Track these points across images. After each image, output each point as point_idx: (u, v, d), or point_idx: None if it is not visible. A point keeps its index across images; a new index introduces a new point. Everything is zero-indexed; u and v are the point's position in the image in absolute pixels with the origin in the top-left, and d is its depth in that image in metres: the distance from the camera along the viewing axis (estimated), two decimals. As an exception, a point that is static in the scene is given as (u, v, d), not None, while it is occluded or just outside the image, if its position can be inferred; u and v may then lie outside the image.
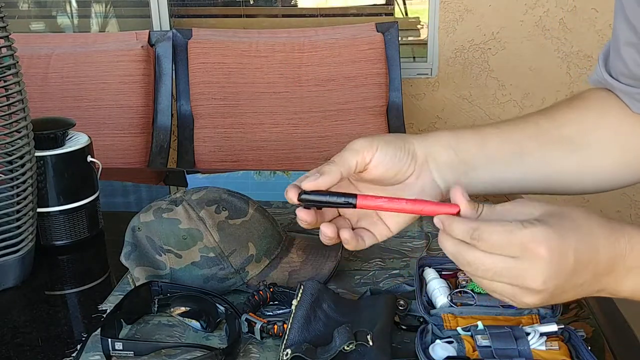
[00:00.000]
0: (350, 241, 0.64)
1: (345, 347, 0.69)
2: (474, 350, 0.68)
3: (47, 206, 1.03)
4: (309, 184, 0.60)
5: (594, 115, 0.73)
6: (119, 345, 0.74)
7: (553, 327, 0.71)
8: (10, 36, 0.91)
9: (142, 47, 2.01)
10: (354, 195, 0.60)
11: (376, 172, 0.64)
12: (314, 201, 0.60)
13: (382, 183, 0.66)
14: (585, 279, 0.53)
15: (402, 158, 0.65)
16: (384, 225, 0.67)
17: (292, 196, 0.61)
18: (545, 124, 0.72)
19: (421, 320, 0.77)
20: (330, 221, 0.65)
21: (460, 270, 0.83)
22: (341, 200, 0.60)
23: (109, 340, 0.74)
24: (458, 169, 0.67)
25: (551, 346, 0.69)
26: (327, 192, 0.61)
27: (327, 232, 0.62)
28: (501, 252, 0.52)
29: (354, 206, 0.60)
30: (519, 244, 0.51)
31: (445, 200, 0.64)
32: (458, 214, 0.56)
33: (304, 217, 0.62)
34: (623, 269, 0.54)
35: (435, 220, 0.57)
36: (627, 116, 0.71)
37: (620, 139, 0.72)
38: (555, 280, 0.51)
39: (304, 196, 0.61)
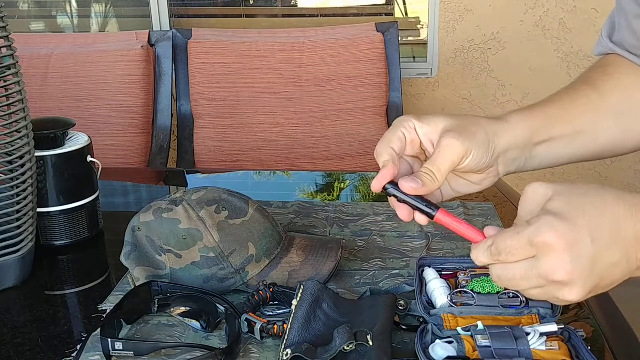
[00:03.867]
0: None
1: (345, 347, 0.69)
2: (474, 350, 0.68)
3: (47, 206, 1.03)
4: (408, 187, 0.62)
5: (628, 80, 0.76)
6: (119, 345, 0.74)
7: (553, 327, 0.71)
8: (10, 36, 0.91)
9: (142, 47, 2.01)
10: (436, 208, 0.63)
11: (459, 170, 0.66)
12: (399, 198, 0.63)
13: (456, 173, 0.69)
14: (617, 257, 0.52)
15: (487, 159, 0.66)
16: (450, 188, 0.70)
17: (378, 186, 0.63)
18: (593, 94, 0.74)
19: (421, 320, 0.77)
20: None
21: (460, 270, 0.83)
22: (424, 207, 0.63)
23: (109, 340, 0.74)
24: (521, 159, 0.70)
25: (551, 346, 0.69)
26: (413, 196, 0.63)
27: (404, 216, 0.64)
28: (520, 256, 0.52)
29: (432, 217, 0.63)
30: (529, 242, 0.51)
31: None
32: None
33: (403, 214, 0.64)
34: None
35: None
36: None
37: None
38: (579, 267, 0.50)
39: (391, 190, 0.63)
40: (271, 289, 0.84)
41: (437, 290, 0.79)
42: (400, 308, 0.79)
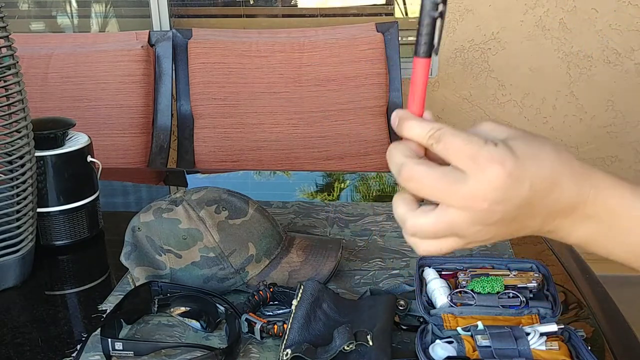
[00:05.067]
0: None
1: (345, 347, 0.69)
2: (474, 350, 0.68)
3: (47, 206, 1.03)
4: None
5: None
6: (119, 345, 0.74)
7: (553, 327, 0.71)
8: (10, 36, 0.91)
9: (142, 47, 2.01)
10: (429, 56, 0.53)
11: None
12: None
13: None
14: (538, 212, 0.48)
15: None
16: None
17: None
18: None
19: (421, 320, 0.77)
20: None
21: (460, 270, 0.83)
22: (429, 41, 0.54)
23: (109, 340, 0.74)
24: None
25: (551, 346, 0.69)
26: None
27: None
28: (454, 159, 0.47)
29: (425, 56, 0.55)
30: (471, 157, 0.46)
31: None
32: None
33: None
34: (581, 214, 0.49)
35: (393, 115, 0.53)
36: None
37: None
38: (502, 205, 0.46)
39: None
40: (271, 289, 0.84)
41: (437, 290, 0.79)
42: (400, 308, 0.79)
